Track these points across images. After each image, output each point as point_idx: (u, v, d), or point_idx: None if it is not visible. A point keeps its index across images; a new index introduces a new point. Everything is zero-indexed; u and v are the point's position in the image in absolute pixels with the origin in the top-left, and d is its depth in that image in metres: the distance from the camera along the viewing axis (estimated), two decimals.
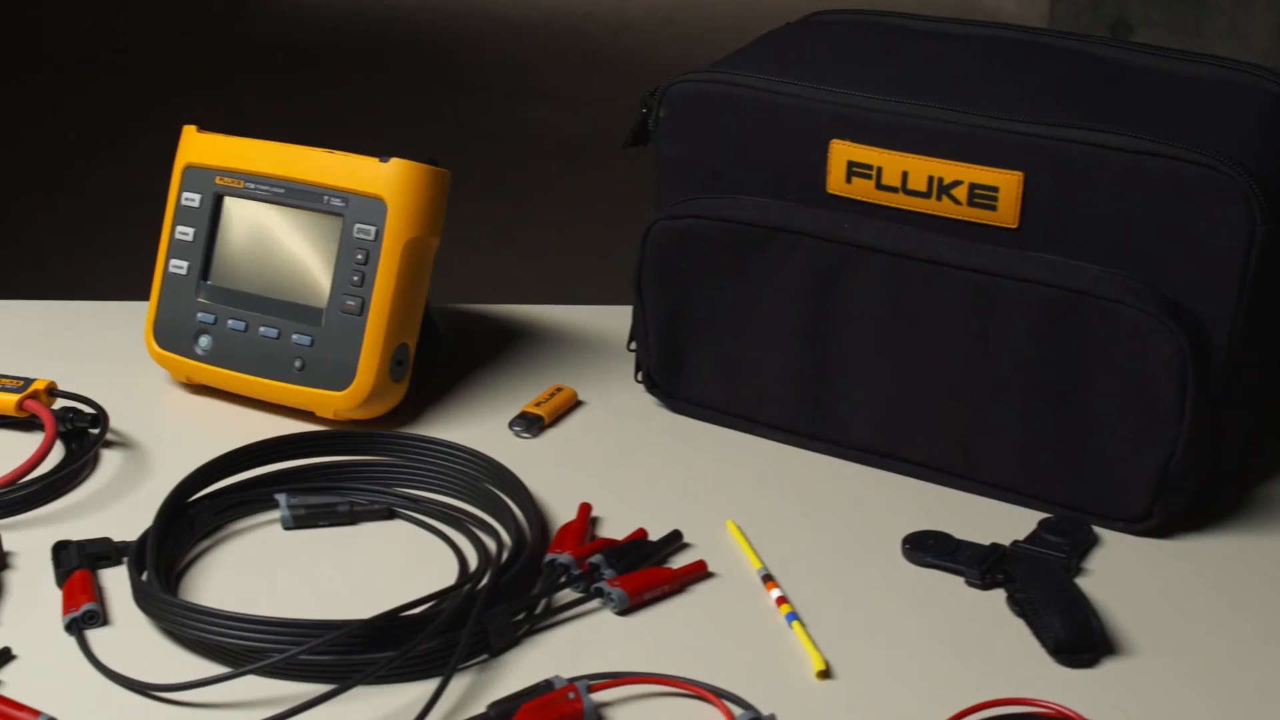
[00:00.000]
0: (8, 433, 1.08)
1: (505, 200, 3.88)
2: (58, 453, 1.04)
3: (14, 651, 0.84)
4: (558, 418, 1.09)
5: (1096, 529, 0.95)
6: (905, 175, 0.96)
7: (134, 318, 1.23)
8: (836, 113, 0.98)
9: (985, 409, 0.97)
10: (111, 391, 1.09)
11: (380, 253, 1.03)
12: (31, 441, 1.06)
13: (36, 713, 0.79)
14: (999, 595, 0.90)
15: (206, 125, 1.10)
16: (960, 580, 0.91)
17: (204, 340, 1.09)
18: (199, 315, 1.09)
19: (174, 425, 1.08)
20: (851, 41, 1.09)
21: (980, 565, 0.90)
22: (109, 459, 1.04)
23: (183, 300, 1.10)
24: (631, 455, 1.05)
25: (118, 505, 0.99)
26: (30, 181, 3.95)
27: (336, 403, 1.05)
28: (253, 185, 1.08)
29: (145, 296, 1.14)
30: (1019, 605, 0.88)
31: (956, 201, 0.95)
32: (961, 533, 0.95)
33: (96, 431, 1.04)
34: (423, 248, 1.05)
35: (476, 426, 1.07)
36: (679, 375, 1.08)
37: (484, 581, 0.86)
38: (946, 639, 0.87)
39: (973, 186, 0.95)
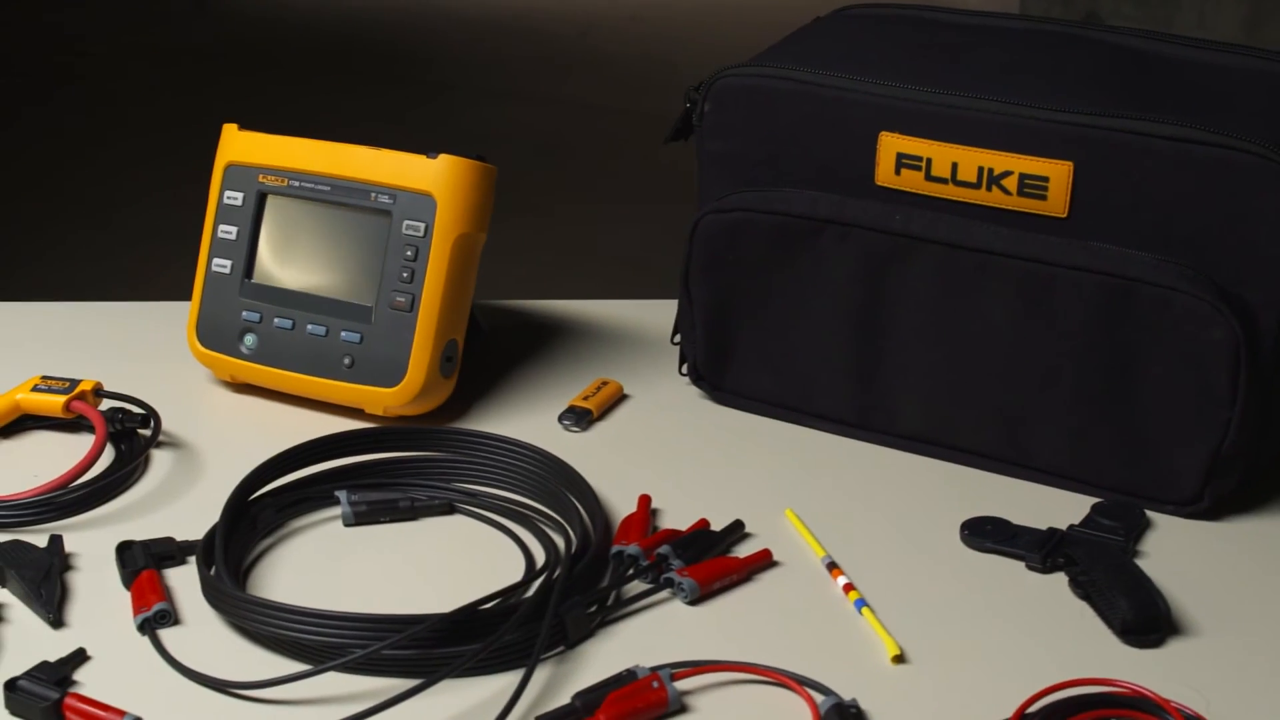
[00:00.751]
0: (51, 434, 1.07)
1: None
2: (107, 454, 1.04)
3: (88, 652, 0.85)
4: (605, 411, 1.10)
5: (1147, 512, 0.97)
6: (955, 166, 0.98)
7: (168, 317, 1.23)
8: (885, 105, 0.99)
9: (1036, 396, 0.98)
10: (154, 391, 1.09)
11: (430, 249, 1.04)
12: (77, 443, 1.06)
13: (122, 713, 0.79)
14: (1060, 579, 0.91)
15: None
16: (1020, 565, 0.93)
17: (249, 339, 1.09)
18: (244, 314, 1.09)
19: (220, 424, 1.08)
20: (886, 35, 1.10)
21: (1041, 549, 0.92)
22: (158, 459, 1.04)
23: (226, 299, 1.09)
24: (681, 447, 1.06)
25: (173, 505, 0.99)
26: None
27: (387, 399, 1.05)
28: (297, 183, 1.08)
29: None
30: (1082, 588, 0.89)
31: (1006, 192, 0.97)
32: (1013, 518, 0.96)
33: (148, 432, 1.04)
34: (471, 243, 1.05)
35: (526, 421, 1.08)
36: (725, 367, 1.09)
37: (558, 573, 0.86)
38: (1013, 622, 0.88)
39: (1023, 177, 0.96)
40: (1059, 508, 0.98)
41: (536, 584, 0.87)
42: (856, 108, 1.00)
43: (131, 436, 1.05)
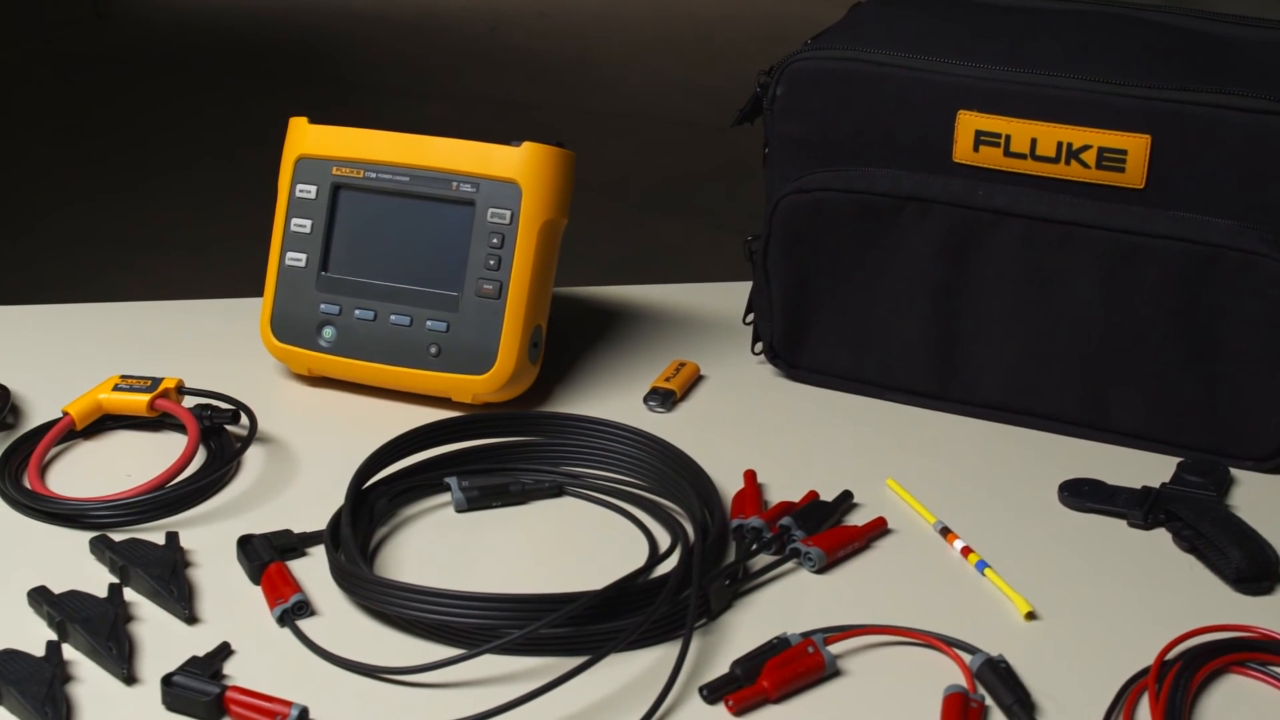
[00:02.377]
0: (133, 434, 1.06)
1: None
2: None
3: (231, 646, 0.84)
4: (686, 392, 1.11)
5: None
6: (1034, 142, 1.01)
7: (227, 313, 1.23)
8: (963, 85, 1.02)
9: (1118, 361, 1.02)
10: (227, 387, 1.08)
11: (516, 236, 1.05)
12: (161, 441, 1.06)
13: (289, 704, 0.79)
14: (1160, 534, 0.95)
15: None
16: (1118, 522, 0.96)
17: (328, 331, 1.09)
18: (322, 307, 1.09)
19: (302, 417, 1.08)
20: (946, 16, 1.13)
21: (1141, 506, 0.95)
22: (248, 454, 1.04)
23: (302, 293, 1.09)
24: (765, 424, 1.08)
25: (274, 500, 0.99)
26: None
27: (476, 386, 1.06)
28: (374, 174, 1.08)
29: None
30: (1188, 541, 0.93)
31: (1085, 165, 1.00)
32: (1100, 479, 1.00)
33: (237, 429, 1.04)
34: (555, 229, 1.06)
35: (610, 403, 1.09)
36: (801, 345, 1.11)
37: (696, 547, 0.88)
38: (1128, 576, 0.91)
39: (1102, 150, 1.00)
40: (1139, 468, 1.02)
41: (672, 559, 0.89)
42: (933, 88, 1.03)
43: (220, 432, 1.04)
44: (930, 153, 1.04)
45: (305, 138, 1.10)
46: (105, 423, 1.06)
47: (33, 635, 0.85)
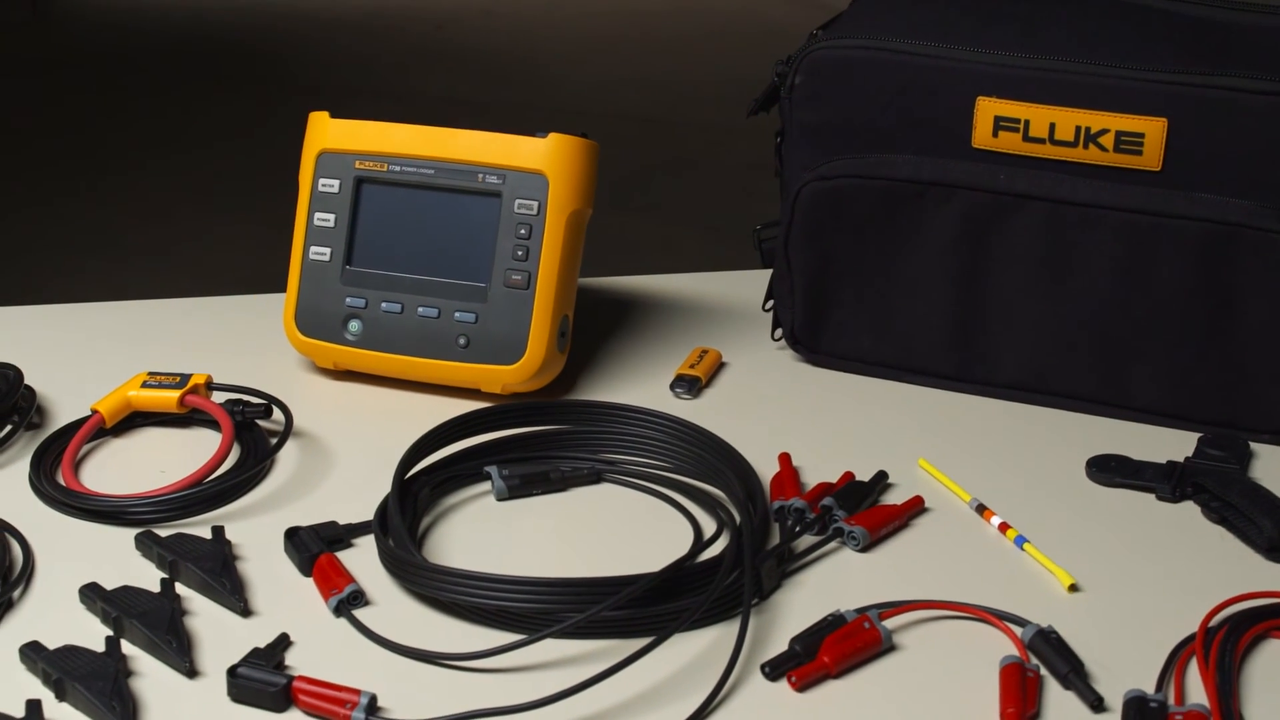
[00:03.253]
0: (162, 430, 1.06)
1: None
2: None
3: (290, 637, 0.85)
4: (710, 378, 1.13)
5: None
6: (1053, 126, 1.03)
7: (240, 309, 1.23)
8: (982, 71, 1.04)
9: (1138, 340, 1.05)
10: (254, 383, 1.08)
11: (544, 226, 1.06)
12: (191, 437, 1.06)
13: (357, 691, 0.79)
14: (1188, 507, 0.98)
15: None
16: (1148, 496, 0.99)
17: (354, 325, 1.09)
18: (347, 300, 1.09)
19: (332, 411, 1.08)
20: (954, 4, 1.15)
21: (1169, 480, 0.98)
22: (282, 448, 1.04)
23: (327, 287, 1.09)
24: (791, 407, 1.10)
25: (313, 493, 0.99)
26: None
27: (506, 376, 1.06)
28: (398, 168, 1.08)
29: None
30: (1217, 513, 0.95)
31: (1103, 149, 1.02)
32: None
33: (269, 423, 1.04)
34: (581, 219, 1.07)
35: (636, 391, 1.10)
36: (822, 330, 1.13)
37: (742, 528, 0.89)
38: (1161, 548, 0.94)
39: (1119, 134, 1.02)
40: (1160, 443, 1.04)
41: (717, 542, 0.90)
42: (952, 75, 1.05)
43: (252, 427, 1.04)
44: (949, 139, 1.06)
45: (326, 132, 1.10)
46: (134, 420, 1.06)
47: (86, 631, 0.85)
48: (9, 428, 1.04)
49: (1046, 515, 0.97)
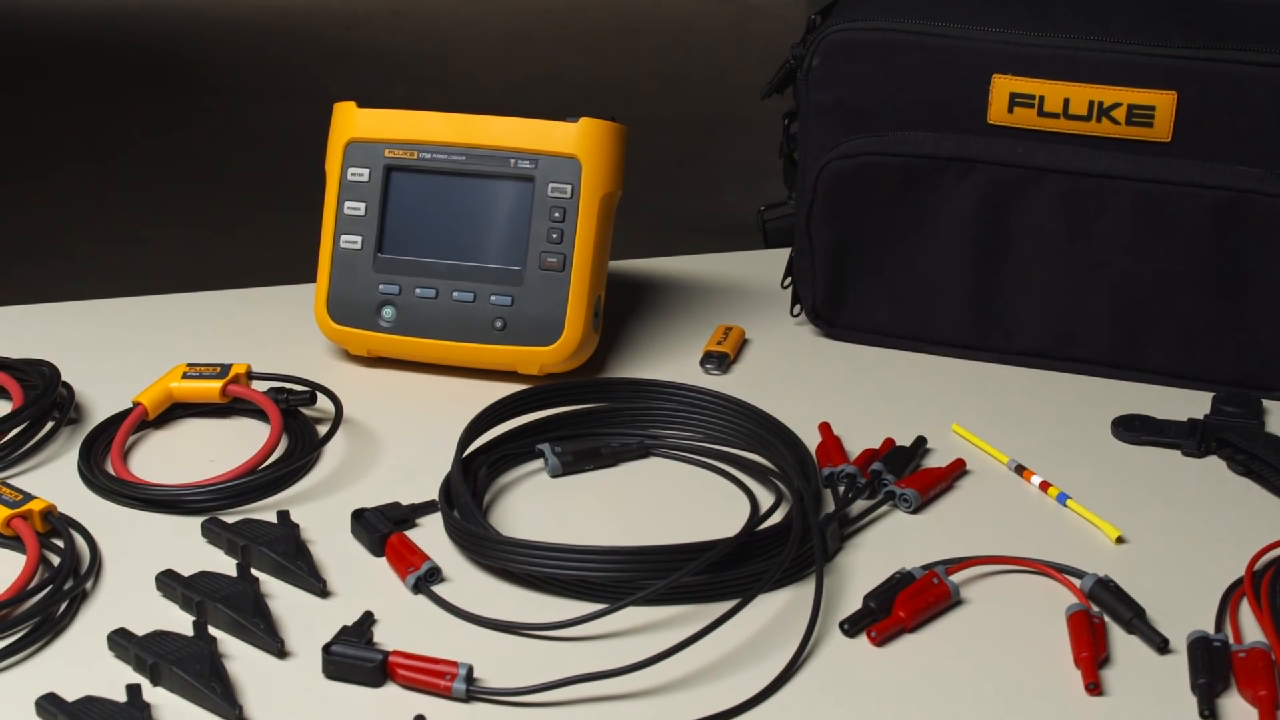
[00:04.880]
0: (202, 421, 1.07)
1: (284, 198, 3.81)
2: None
3: (375, 615, 0.86)
4: (736, 354, 1.15)
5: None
6: (1067, 102, 1.07)
7: (259, 301, 1.24)
8: (998, 50, 1.08)
9: (1153, 304, 1.09)
10: (285, 372, 1.09)
11: (578, 209, 1.07)
12: (235, 427, 1.06)
13: (455, 664, 0.81)
14: (1214, 461, 1.02)
15: None
16: (1172, 453, 1.03)
17: (388, 311, 1.10)
18: (380, 287, 1.10)
19: (371, 397, 1.09)
20: None
21: (1193, 436, 1.02)
22: (322, 433, 1.05)
23: (359, 274, 1.10)
24: (818, 380, 1.13)
25: (366, 477, 1.00)
26: None
27: (544, 357, 1.08)
28: (428, 155, 1.10)
29: None
30: (1242, 465, 1.00)
31: (1115, 122, 1.07)
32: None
33: (320, 412, 1.05)
34: (612, 201, 1.09)
35: (666, 368, 1.13)
36: (842, 305, 1.16)
37: (801, 492, 0.92)
38: (1193, 500, 0.98)
39: (1131, 107, 1.06)
40: (1176, 403, 1.09)
41: (780, 507, 0.93)
42: (967, 54, 1.09)
43: (296, 414, 1.05)
44: (965, 116, 1.10)
45: (354, 121, 1.11)
46: (174, 411, 1.06)
47: (163, 618, 0.85)
48: (50, 424, 1.04)
49: (1079, 474, 1.01)
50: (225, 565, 0.90)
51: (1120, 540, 0.93)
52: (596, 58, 5.07)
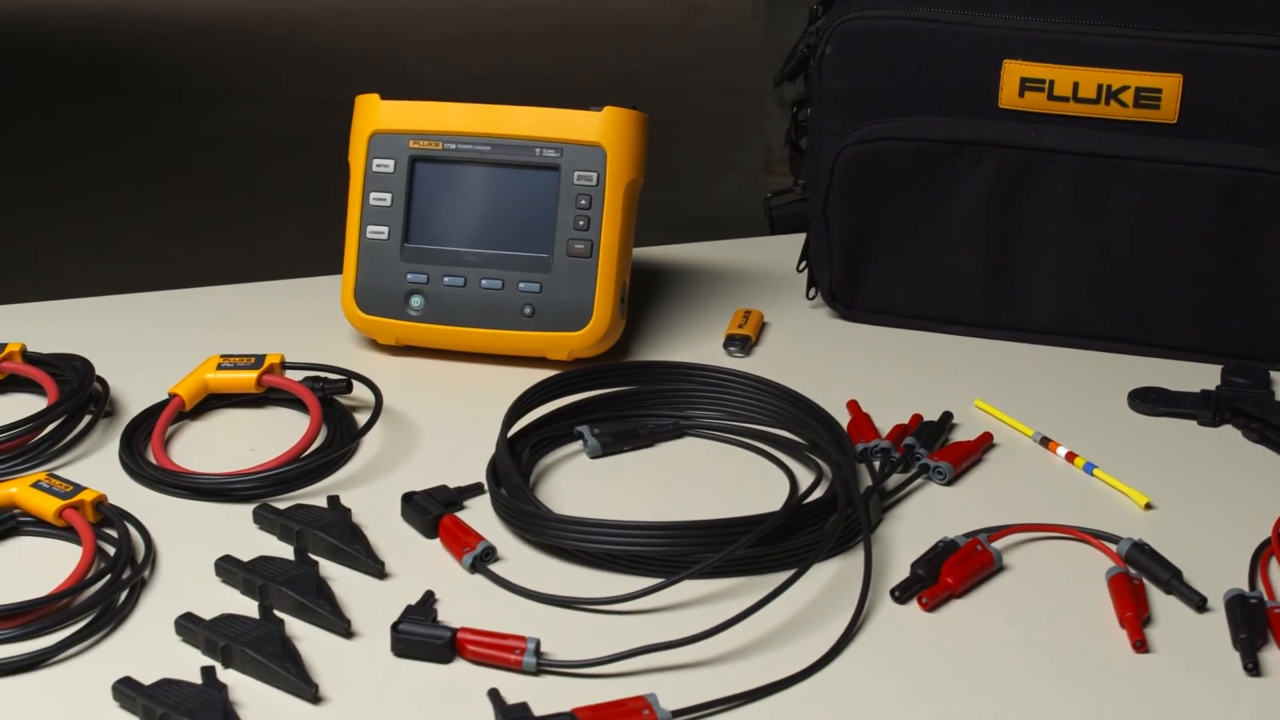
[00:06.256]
0: (237, 411, 1.08)
1: (240, 200, 3.80)
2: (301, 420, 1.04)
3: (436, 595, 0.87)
4: (757, 337, 1.18)
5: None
6: (1076, 86, 1.10)
7: (278, 294, 1.25)
8: (1008, 36, 1.11)
9: (1162, 280, 1.13)
10: (319, 361, 1.10)
11: (604, 196, 1.09)
12: (272, 417, 1.07)
13: (523, 639, 0.82)
14: (1228, 430, 1.06)
15: None
16: (1188, 423, 1.07)
17: (416, 300, 1.11)
18: (408, 276, 1.11)
19: (404, 385, 1.10)
20: None
21: (1208, 407, 1.06)
22: (362, 421, 1.06)
23: (386, 264, 1.12)
24: (838, 360, 1.16)
25: (407, 463, 1.02)
26: None
27: (573, 342, 1.10)
28: (454, 145, 1.11)
29: None
30: (1257, 433, 1.04)
31: (1123, 105, 1.10)
32: None
33: (355, 400, 1.07)
34: (636, 188, 1.11)
35: (690, 350, 1.15)
36: (857, 287, 1.19)
37: (840, 466, 0.94)
38: (1213, 467, 1.02)
39: (1139, 90, 1.10)
40: (1184, 376, 1.12)
41: (822, 484, 0.96)
42: (978, 40, 1.12)
43: (332, 403, 1.06)
44: (976, 101, 1.13)
45: (377, 114, 1.13)
46: (208, 402, 1.07)
47: (224, 603, 0.86)
48: (87, 418, 1.04)
49: (1100, 445, 1.04)
50: (278, 550, 0.91)
51: (1149, 506, 0.97)
52: (549, 57, 5.09)
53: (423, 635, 0.83)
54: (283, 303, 1.24)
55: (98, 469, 1.00)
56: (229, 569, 0.88)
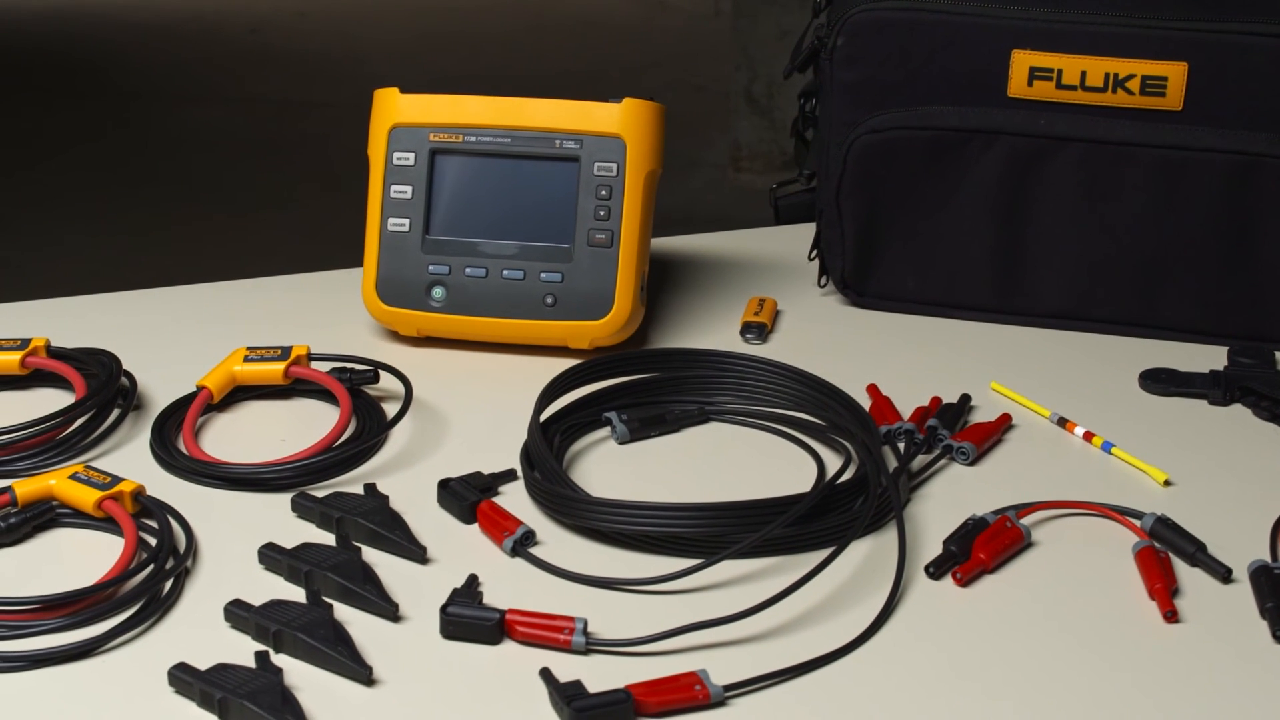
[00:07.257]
0: (264, 403, 1.08)
1: (205, 200, 3.79)
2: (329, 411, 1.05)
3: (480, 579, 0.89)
4: (773, 324, 1.20)
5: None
6: (1084, 74, 1.13)
7: (294, 287, 1.26)
8: (1018, 27, 1.13)
9: (1170, 265, 1.15)
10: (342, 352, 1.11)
11: (624, 187, 1.11)
12: (301, 408, 1.09)
13: (571, 619, 0.84)
14: (1238, 409, 1.08)
15: None
16: (1198, 402, 1.09)
17: (438, 291, 1.12)
18: (430, 268, 1.12)
19: (428, 375, 1.11)
20: None
21: (1218, 386, 1.08)
22: (389, 411, 1.07)
23: (408, 256, 1.13)
24: (853, 346, 1.18)
25: (437, 451, 1.03)
26: None
27: (594, 331, 1.11)
28: (474, 138, 1.12)
29: None
30: (1268, 411, 1.06)
31: (1129, 93, 1.13)
32: None
33: (383, 391, 1.08)
34: (654, 178, 1.13)
35: (708, 338, 1.17)
36: (869, 274, 1.21)
37: (870, 447, 0.96)
38: (1226, 444, 1.04)
39: (1145, 78, 1.12)
40: (1192, 357, 1.15)
41: (851, 466, 0.97)
42: (987, 31, 1.14)
43: (359, 393, 1.07)
44: (986, 90, 1.15)
45: (397, 107, 1.14)
46: (235, 394, 1.08)
47: (269, 589, 0.87)
48: (116, 412, 1.05)
49: (1114, 425, 1.06)
50: (317, 538, 0.92)
51: (1167, 483, 0.99)
52: (511, 57, 5.10)
53: (472, 617, 0.84)
54: (298, 296, 1.25)
55: (130, 461, 1.01)
56: (273, 556, 0.89)
